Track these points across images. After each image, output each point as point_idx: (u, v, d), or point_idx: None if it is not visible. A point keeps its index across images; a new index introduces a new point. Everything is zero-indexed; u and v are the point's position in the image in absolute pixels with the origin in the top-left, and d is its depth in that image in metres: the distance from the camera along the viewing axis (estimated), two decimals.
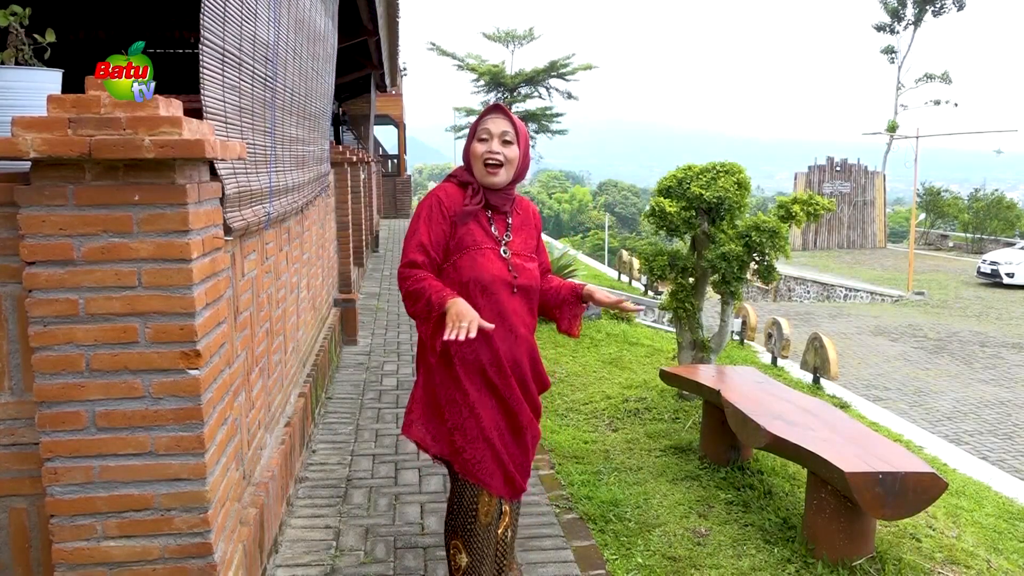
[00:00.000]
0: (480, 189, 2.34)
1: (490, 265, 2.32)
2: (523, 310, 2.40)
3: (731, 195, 5.13)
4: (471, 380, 2.34)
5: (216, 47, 2.12)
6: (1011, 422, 9.36)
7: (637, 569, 3.08)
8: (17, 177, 1.73)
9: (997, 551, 3.86)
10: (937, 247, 32.60)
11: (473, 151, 2.32)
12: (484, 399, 2.35)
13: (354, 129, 14.65)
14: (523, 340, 2.40)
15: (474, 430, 2.34)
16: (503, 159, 2.29)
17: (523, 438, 2.44)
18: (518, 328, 2.38)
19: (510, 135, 2.30)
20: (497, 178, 2.32)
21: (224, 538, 1.99)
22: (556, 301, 2.54)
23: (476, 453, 2.35)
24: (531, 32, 35.10)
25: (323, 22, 4.14)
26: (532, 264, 2.44)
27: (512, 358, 2.37)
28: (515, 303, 2.37)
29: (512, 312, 2.36)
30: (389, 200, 22.27)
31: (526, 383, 2.43)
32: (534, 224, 2.50)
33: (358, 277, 8.44)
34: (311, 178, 4.18)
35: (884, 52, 37.91)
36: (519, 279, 2.38)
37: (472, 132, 2.35)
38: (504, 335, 2.34)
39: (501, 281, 2.33)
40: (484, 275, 2.31)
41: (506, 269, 2.35)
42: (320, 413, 4.78)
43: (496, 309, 2.32)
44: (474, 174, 2.35)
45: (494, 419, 2.36)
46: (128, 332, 1.75)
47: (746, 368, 4.85)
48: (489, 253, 2.33)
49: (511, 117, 2.32)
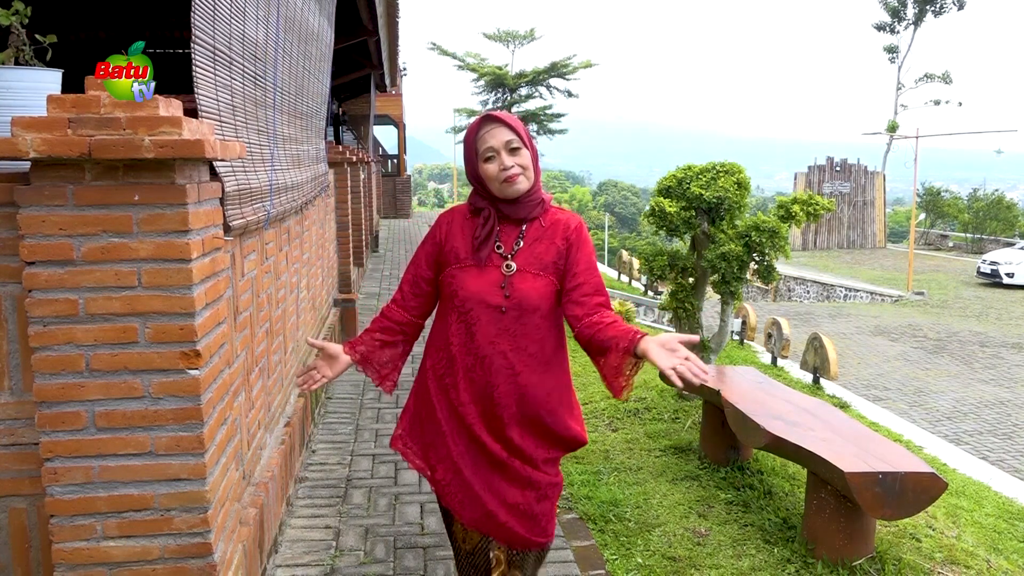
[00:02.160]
0: (492, 215, 2.11)
1: (472, 283, 2.09)
2: (514, 334, 2.07)
3: (731, 195, 5.13)
4: (441, 400, 2.16)
5: (207, 45, 2.12)
6: (1011, 422, 9.37)
7: (637, 569, 3.08)
8: (17, 177, 1.72)
9: (997, 551, 3.86)
10: (937, 247, 32.61)
11: (486, 174, 2.08)
12: (453, 423, 2.15)
13: (354, 129, 14.65)
14: (501, 370, 2.07)
15: (443, 450, 2.16)
16: (519, 169, 2.08)
17: (508, 474, 2.12)
18: (491, 356, 2.07)
19: (515, 141, 2.08)
20: (520, 186, 2.08)
21: (224, 538, 1.99)
22: (602, 347, 2.00)
23: (445, 476, 2.17)
24: (532, 32, 35.13)
25: (317, 21, 4.13)
26: (540, 282, 2.08)
27: (478, 388, 2.09)
28: (501, 325, 2.07)
29: (487, 336, 2.06)
30: (389, 200, 22.27)
31: (500, 420, 2.09)
32: (563, 238, 2.12)
33: (358, 277, 8.44)
34: (309, 177, 4.18)
35: (884, 52, 37.94)
36: (512, 296, 2.06)
37: (472, 152, 2.12)
38: (471, 363, 2.09)
39: (479, 299, 2.07)
40: (460, 292, 2.09)
41: (495, 286, 2.07)
42: (320, 413, 4.78)
43: (468, 331, 2.09)
44: (493, 193, 2.11)
45: (462, 446, 2.14)
46: (128, 332, 1.75)
47: (746, 368, 4.85)
48: (472, 270, 2.10)
49: (507, 121, 2.10)
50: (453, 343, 2.12)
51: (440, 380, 2.17)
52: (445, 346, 2.15)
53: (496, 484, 2.13)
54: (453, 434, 2.15)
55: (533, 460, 2.13)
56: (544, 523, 2.15)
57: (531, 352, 2.08)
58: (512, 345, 2.07)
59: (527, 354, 2.08)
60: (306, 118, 4.18)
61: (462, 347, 2.10)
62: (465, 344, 2.10)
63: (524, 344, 2.08)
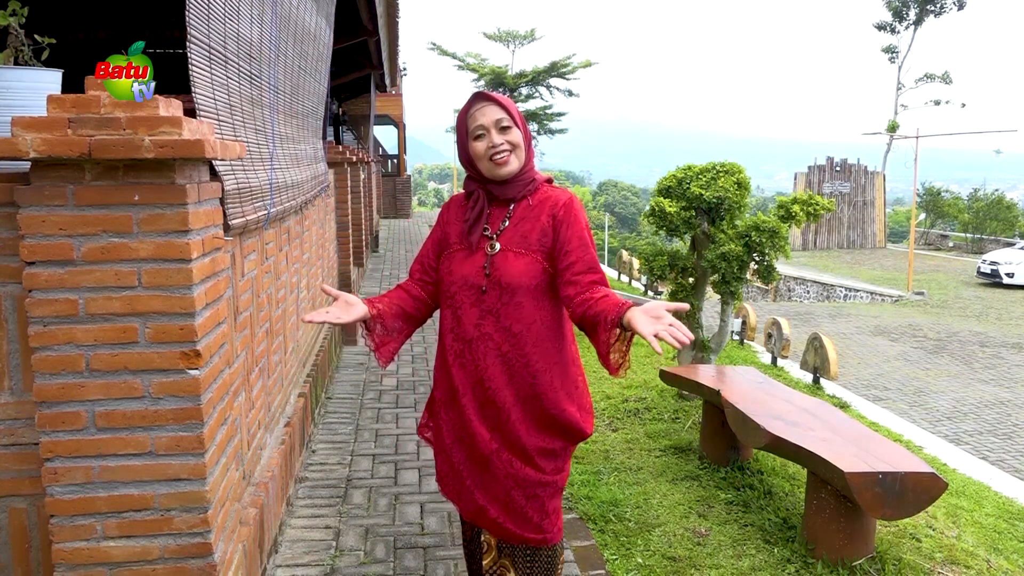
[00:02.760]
0: (480, 197, 2.10)
1: (458, 267, 2.09)
2: (497, 314, 2.03)
3: (731, 195, 5.13)
4: (441, 390, 2.18)
5: (203, 44, 2.12)
6: (1011, 422, 9.36)
7: (637, 569, 3.08)
8: (17, 177, 1.73)
9: (997, 551, 3.86)
10: (937, 247, 32.62)
11: (475, 152, 2.06)
12: (450, 413, 2.16)
13: (354, 129, 14.66)
14: (488, 353, 2.04)
15: (439, 440, 2.21)
16: (509, 147, 2.04)
17: (490, 469, 2.09)
18: (477, 339, 2.04)
19: (506, 120, 2.03)
20: (510, 166, 2.05)
21: (224, 538, 1.99)
22: (593, 323, 1.92)
23: (443, 467, 2.22)
24: (532, 32, 35.17)
25: (314, 21, 4.13)
26: (522, 260, 2.03)
27: (468, 373, 2.08)
28: (484, 306, 2.04)
29: (471, 319, 2.05)
30: (389, 200, 22.28)
31: (494, 405, 2.06)
32: (549, 215, 2.06)
33: (358, 277, 8.44)
34: (308, 176, 4.18)
35: (884, 51, 37.95)
36: (492, 275, 2.02)
37: (463, 131, 2.09)
38: (460, 348, 2.08)
39: (463, 283, 2.06)
40: (447, 278, 2.11)
41: (479, 268, 2.05)
42: (320, 413, 4.78)
43: (455, 315, 2.08)
44: (483, 173, 2.09)
45: (454, 438, 2.16)
46: (128, 332, 1.75)
47: (746, 368, 4.85)
48: (459, 254, 2.10)
49: (498, 100, 2.05)
50: (444, 329, 2.14)
51: (439, 370, 2.20)
52: (442, 334, 2.17)
53: (485, 479, 2.11)
54: (448, 425, 2.16)
55: (527, 451, 2.06)
56: (537, 520, 2.09)
57: (516, 331, 2.03)
58: (496, 326, 2.03)
59: (512, 333, 2.03)
60: (303, 117, 4.18)
61: (450, 332, 2.12)
62: (453, 330, 2.11)
63: (508, 323, 2.03)
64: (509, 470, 2.07)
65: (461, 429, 2.13)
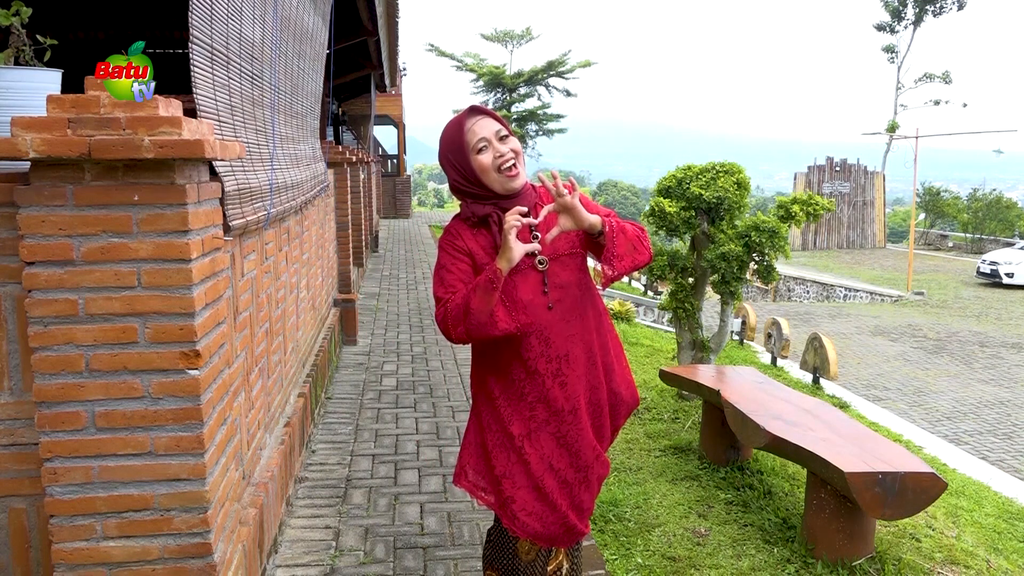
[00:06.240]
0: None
1: (519, 294, 2.04)
2: (570, 313, 2.09)
3: (731, 195, 5.13)
4: (519, 419, 2.09)
5: (205, 45, 2.12)
6: (1011, 422, 9.37)
7: (637, 569, 3.08)
8: (17, 177, 1.73)
9: (997, 551, 3.86)
10: (937, 247, 32.63)
11: (480, 165, 2.00)
12: (534, 440, 2.08)
13: (354, 129, 14.67)
14: (577, 358, 2.09)
15: (522, 477, 2.09)
16: (513, 154, 2.03)
17: (587, 476, 2.13)
18: (568, 351, 2.08)
19: (503, 130, 2.04)
20: (521, 177, 2.05)
21: (224, 538, 1.99)
22: None
23: (526, 504, 2.08)
24: (529, 32, 35.15)
25: (312, 20, 4.13)
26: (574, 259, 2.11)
27: (571, 386, 2.08)
28: (559, 315, 2.07)
29: (560, 332, 2.07)
30: (389, 200, 22.30)
31: (594, 407, 2.14)
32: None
33: (358, 277, 8.44)
34: (307, 176, 4.18)
35: (884, 51, 37.96)
36: (550, 292, 2.06)
37: (462, 147, 2.03)
38: (556, 367, 2.07)
39: (532, 306, 2.04)
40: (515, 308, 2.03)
41: (537, 287, 2.05)
42: (320, 413, 4.78)
43: (543, 339, 2.06)
44: (493, 187, 2.04)
45: (547, 461, 2.09)
46: (128, 332, 1.75)
47: (746, 368, 4.85)
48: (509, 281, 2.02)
49: (491, 113, 2.06)
50: (526, 358, 2.06)
51: (512, 405, 2.09)
52: (515, 368, 2.08)
53: (578, 493, 2.13)
54: (537, 455, 2.08)
55: (615, 431, 2.24)
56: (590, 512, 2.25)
57: (588, 320, 2.13)
58: (581, 325, 2.11)
59: (583, 324, 2.12)
60: (301, 117, 4.18)
61: (540, 358, 2.05)
62: (544, 353, 2.06)
63: (581, 311, 2.12)
64: (602, 472, 2.17)
65: (562, 448, 2.10)
